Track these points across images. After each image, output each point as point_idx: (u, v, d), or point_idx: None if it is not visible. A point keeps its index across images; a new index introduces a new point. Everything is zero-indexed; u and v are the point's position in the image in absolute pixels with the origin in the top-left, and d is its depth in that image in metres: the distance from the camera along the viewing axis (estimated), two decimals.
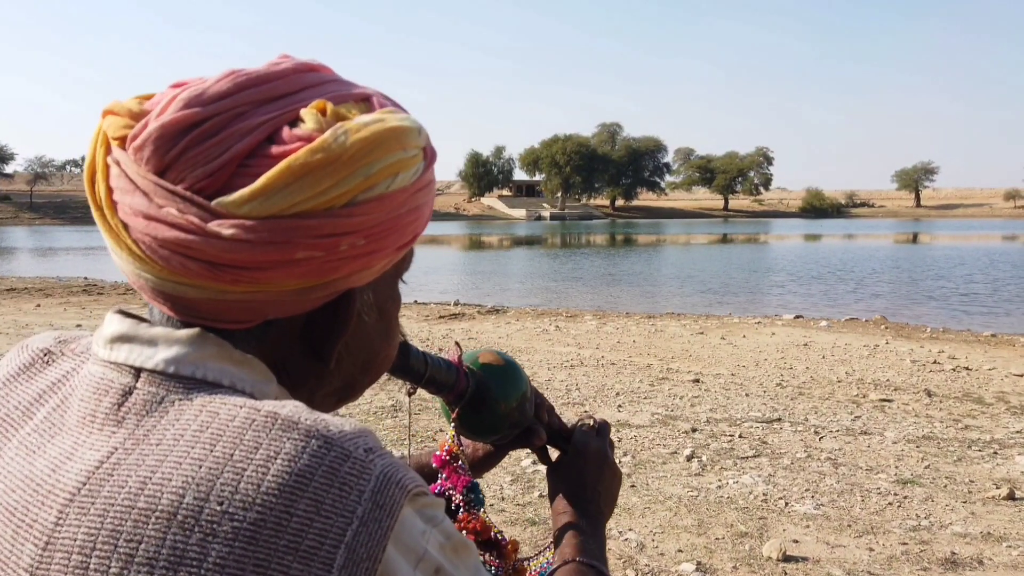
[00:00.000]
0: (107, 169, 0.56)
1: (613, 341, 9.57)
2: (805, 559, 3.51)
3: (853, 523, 3.92)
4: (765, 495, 4.29)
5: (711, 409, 6.22)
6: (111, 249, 0.57)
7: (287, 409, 0.52)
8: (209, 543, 0.47)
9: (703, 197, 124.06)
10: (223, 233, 0.52)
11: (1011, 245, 38.68)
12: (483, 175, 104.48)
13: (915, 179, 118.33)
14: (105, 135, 0.56)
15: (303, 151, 0.53)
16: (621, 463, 4.78)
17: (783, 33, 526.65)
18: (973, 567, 3.46)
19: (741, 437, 5.37)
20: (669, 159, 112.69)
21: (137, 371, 0.56)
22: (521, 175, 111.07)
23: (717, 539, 3.71)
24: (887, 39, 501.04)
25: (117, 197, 0.55)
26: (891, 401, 6.54)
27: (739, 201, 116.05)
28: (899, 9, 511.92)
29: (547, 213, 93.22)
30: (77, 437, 0.55)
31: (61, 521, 0.51)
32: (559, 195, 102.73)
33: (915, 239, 47.31)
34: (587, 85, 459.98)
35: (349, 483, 0.50)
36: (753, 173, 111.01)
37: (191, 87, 0.55)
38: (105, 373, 0.57)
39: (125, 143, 0.55)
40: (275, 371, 0.59)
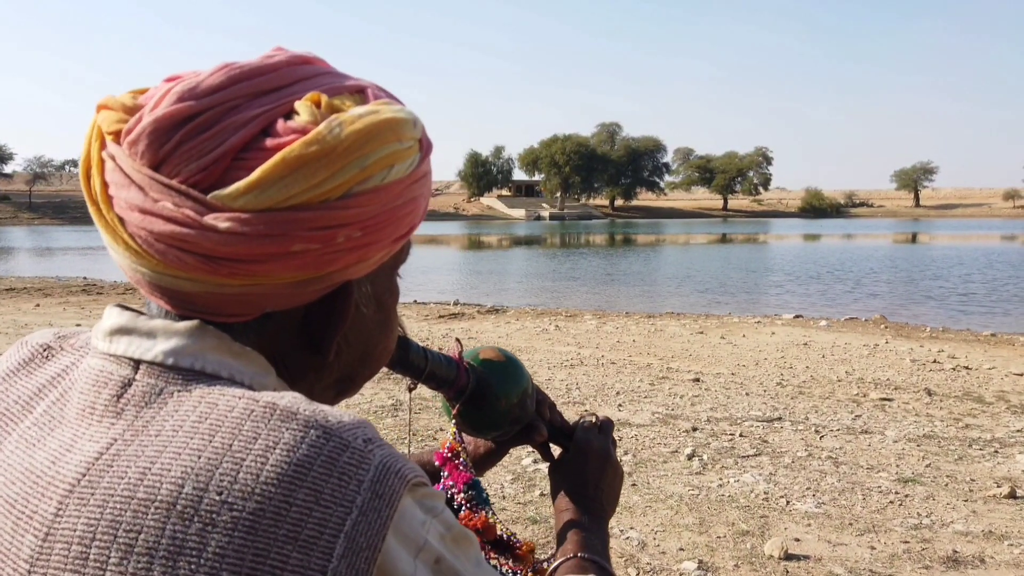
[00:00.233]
0: (102, 164, 0.56)
1: (613, 340, 9.56)
2: (807, 557, 3.51)
3: (854, 521, 3.91)
4: (766, 494, 4.28)
5: (711, 408, 6.22)
6: (108, 244, 0.57)
7: (285, 400, 0.52)
8: (208, 533, 0.47)
9: (702, 197, 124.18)
10: (219, 226, 0.52)
11: (1010, 245, 38.70)
12: (482, 175, 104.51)
13: (914, 179, 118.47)
14: (100, 130, 0.56)
15: (298, 143, 0.52)
16: (622, 462, 4.76)
17: (782, 33, 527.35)
18: (975, 565, 3.45)
19: (742, 436, 5.37)
20: (668, 159, 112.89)
21: (136, 363, 0.56)
22: (520, 175, 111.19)
23: (718, 537, 3.71)
24: (887, 39, 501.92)
25: (113, 192, 0.55)
26: (891, 400, 6.54)
27: (738, 201, 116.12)
28: (899, 8, 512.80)
29: (546, 213, 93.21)
30: (76, 429, 0.55)
31: (61, 512, 0.51)
32: (558, 195, 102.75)
33: (914, 239, 47.32)
34: (587, 85, 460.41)
35: (348, 473, 0.49)
36: (752, 173, 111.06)
37: (185, 81, 0.55)
38: (104, 365, 0.57)
39: (120, 137, 0.55)
40: (274, 364, 0.59)
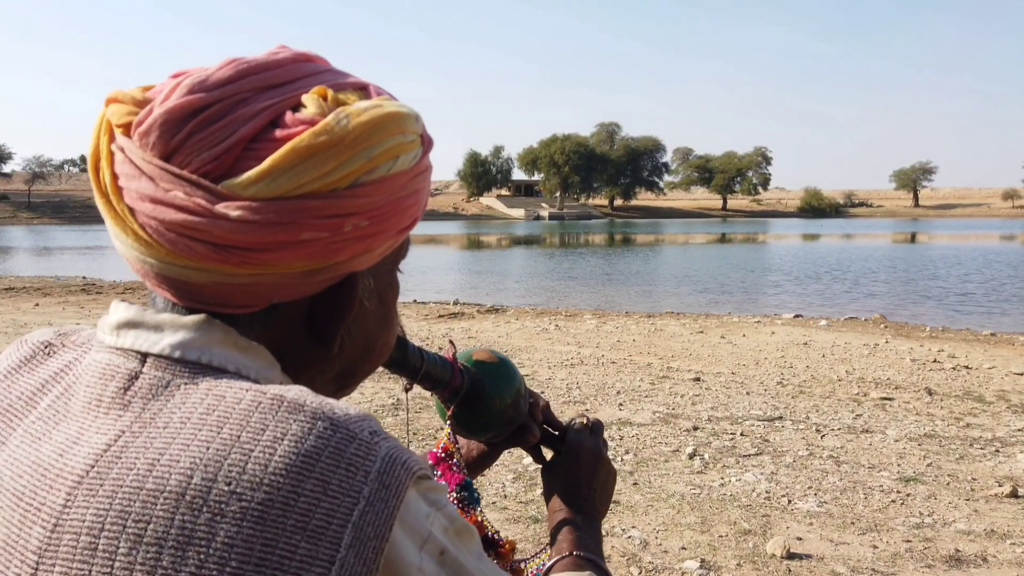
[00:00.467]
0: (111, 156, 0.56)
1: (613, 340, 9.56)
2: (809, 556, 3.51)
3: (856, 520, 3.91)
4: (768, 493, 4.28)
5: (712, 407, 6.21)
6: (115, 235, 0.57)
7: (292, 392, 0.53)
8: (218, 523, 0.48)
9: (701, 197, 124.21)
10: (230, 215, 0.53)
11: (1008, 245, 38.74)
12: (482, 175, 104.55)
13: (913, 179, 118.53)
14: (108, 122, 0.57)
15: (307, 133, 0.54)
16: (623, 461, 4.77)
17: (782, 32, 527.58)
18: (977, 564, 3.45)
19: (743, 435, 5.36)
20: (668, 159, 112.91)
21: (143, 356, 0.56)
22: (520, 175, 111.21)
23: (720, 536, 3.71)
24: (887, 38, 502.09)
25: (123, 183, 0.55)
26: (892, 399, 6.54)
27: (738, 201, 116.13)
28: (899, 8, 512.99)
29: (546, 213, 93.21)
30: (83, 422, 0.55)
31: (70, 503, 0.51)
32: (558, 195, 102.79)
33: (913, 239, 47.34)
34: (586, 84, 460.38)
35: (355, 464, 0.50)
36: (751, 173, 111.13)
37: (194, 75, 0.56)
38: (111, 359, 0.57)
39: (129, 130, 0.55)
40: (278, 358, 0.59)
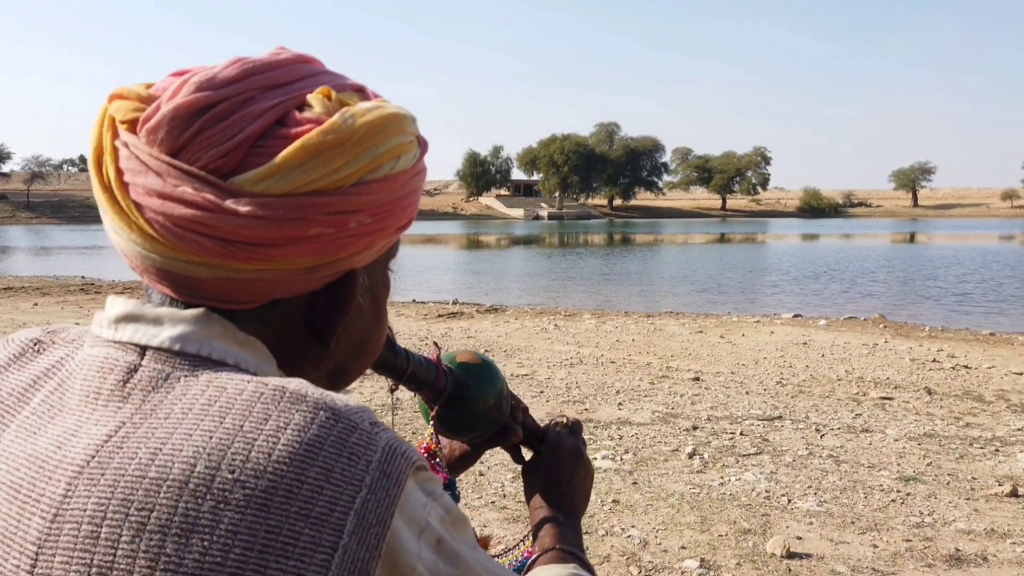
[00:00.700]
0: (115, 151, 0.56)
1: (612, 340, 9.56)
2: (809, 556, 3.50)
3: (856, 520, 3.91)
4: (767, 492, 4.27)
5: (712, 407, 6.21)
6: (117, 231, 0.57)
7: (294, 384, 0.54)
8: (221, 510, 0.48)
9: (701, 197, 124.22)
10: (240, 210, 0.54)
11: (1007, 245, 38.76)
12: (481, 175, 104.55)
13: (912, 179, 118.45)
14: (111, 119, 0.57)
15: (316, 132, 0.55)
16: (622, 460, 4.77)
17: (782, 31, 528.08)
18: (977, 563, 3.45)
19: (742, 435, 5.36)
20: (667, 159, 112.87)
21: (142, 349, 0.56)
22: (519, 175, 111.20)
23: (720, 536, 3.70)
24: (886, 38, 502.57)
25: (128, 178, 0.56)
26: (891, 399, 6.54)
27: (737, 201, 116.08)
28: (898, 8, 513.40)
29: (545, 213, 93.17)
30: (80, 416, 0.55)
31: (70, 493, 0.51)
32: (557, 195, 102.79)
33: (912, 239, 47.36)
34: (585, 84, 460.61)
35: (357, 453, 0.51)
36: (751, 173, 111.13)
37: (200, 72, 0.56)
38: (109, 353, 0.57)
39: (134, 126, 0.56)
40: (274, 354, 0.60)
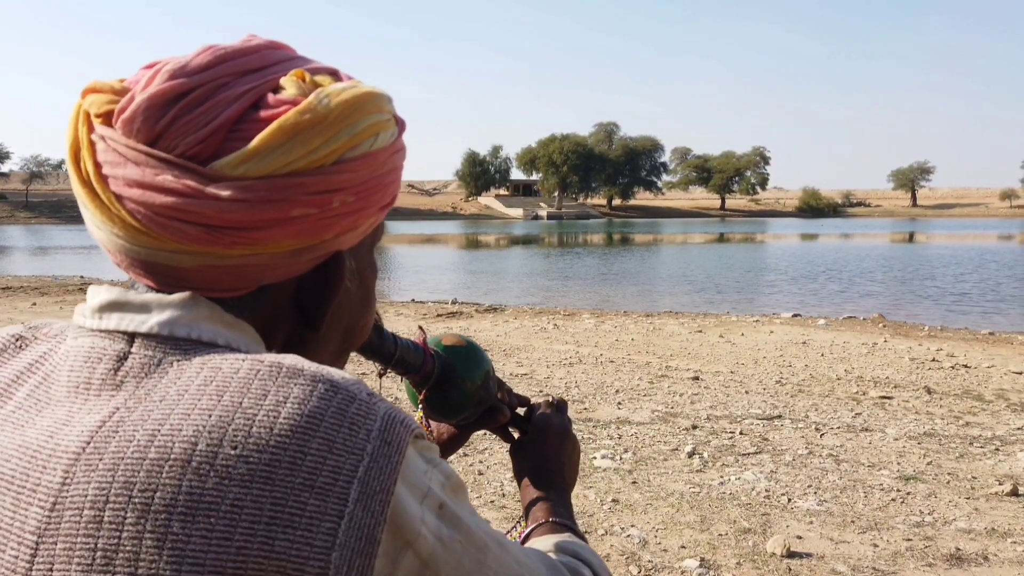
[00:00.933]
0: (92, 145, 0.56)
1: (611, 339, 9.55)
2: (809, 555, 3.49)
3: (856, 519, 3.89)
4: (767, 491, 4.26)
5: (711, 406, 6.20)
6: (99, 225, 0.57)
7: (289, 359, 0.54)
8: (226, 486, 0.48)
9: (700, 197, 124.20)
10: (222, 195, 0.54)
11: (1006, 245, 38.77)
12: (480, 174, 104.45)
13: (911, 179, 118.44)
14: (86, 113, 0.57)
15: (292, 112, 0.55)
16: (622, 460, 4.76)
17: (780, 32, 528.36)
18: (978, 563, 3.44)
19: (742, 434, 5.35)
20: (666, 159, 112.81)
21: (131, 337, 0.56)
22: (518, 174, 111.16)
23: (720, 535, 3.69)
24: (886, 37, 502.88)
25: (107, 171, 0.55)
26: (891, 398, 6.53)
27: (736, 201, 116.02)
28: (896, 8, 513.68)
29: (544, 212, 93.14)
30: (71, 406, 0.54)
31: (68, 481, 0.51)
32: (556, 194, 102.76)
33: (911, 239, 47.37)
34: (584, 84, 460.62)
35: (357, 422, 0.51)
36: (750, 173, 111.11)
37: (172, 61, 0.56)
38: (95, 342, 0.57)
39: (110, 118, 0.55)
40: (265, 341, 0.60)
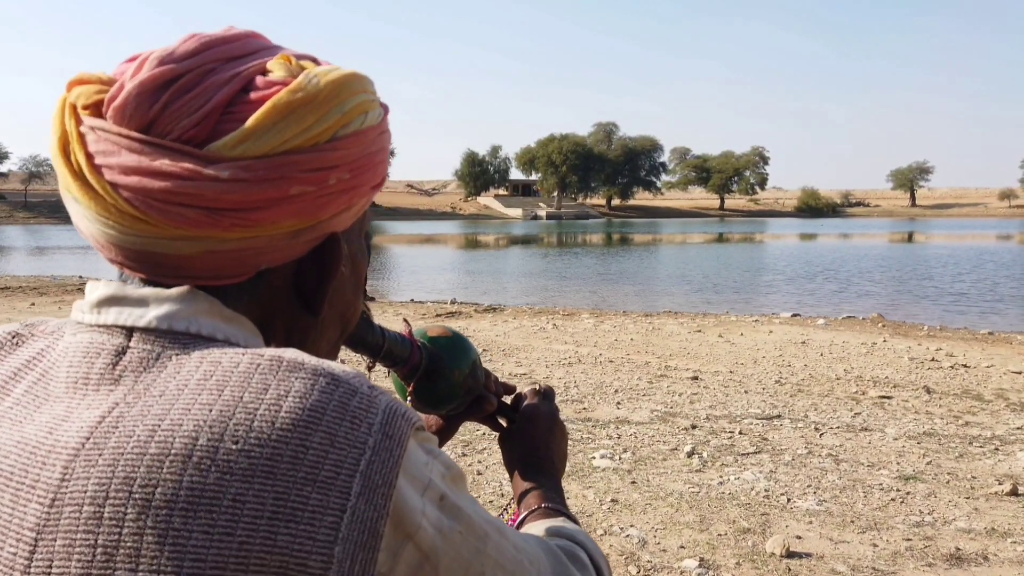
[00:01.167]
0: (82, 137, 0.56)
1: (611, 339, 9.54)
2: (809, 555, 3.48)
3: (856, 519, 3.89)
4: (767, 491, 4.26)
5: (710, 406, 6.20)
6: (92, 218, 0.56)
7: (289, 353, 0.54)
8: (228, 481, 0.48)
9: (699, 197, 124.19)
10: (221, 175, 0.54)
11: (1004, 245, 38.79)
12: (479, 174, 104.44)
13: (910, 179, 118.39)
14: (72, 106, 0.56)
15: (284, 92, 0.56)
16: (621, 459, 4.75)
17: (780, 32, 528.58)
18: (978, 563, 3.43)
19: (741, 434, 5.34)
20: (665, 159, 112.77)
21: (129, 331, 0.56)
22: (517, 174, 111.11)
23: (719, 535, 3.68)
24: (885, 37, 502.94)
25: (100, 161, 0.55)
26: (891, 398, 6.53)
27: (735, 201, 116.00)
28: (895, 8, 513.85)
29: (543, 212, 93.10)
30: (70, 401, 0.54)
31: (67, 477, 0.50)
32: (555, 194, 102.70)
33: (910, 238, 47.37)
34: (584, 85, 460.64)
35: (359, 416, 0.51)
36: (749, 172, 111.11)
37: (158, 50, 0.56)
38: (93, 337, 0.56)
39: (99, 109, 0.55)
40: (266, 328, 0.60)
